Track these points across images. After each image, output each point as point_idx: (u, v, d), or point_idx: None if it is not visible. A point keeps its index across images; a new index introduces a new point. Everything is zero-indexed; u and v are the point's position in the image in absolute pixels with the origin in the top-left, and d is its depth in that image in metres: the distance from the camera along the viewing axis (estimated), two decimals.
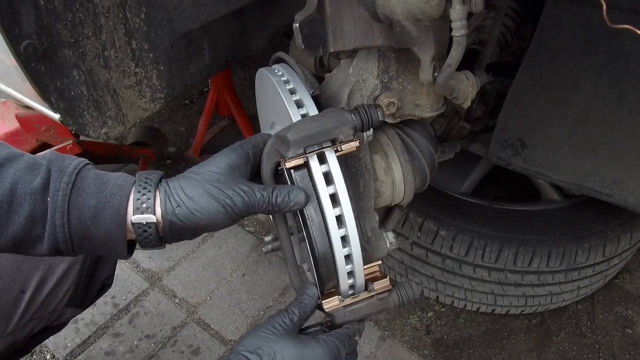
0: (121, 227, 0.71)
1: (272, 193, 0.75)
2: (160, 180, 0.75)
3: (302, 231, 0.82)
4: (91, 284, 1.16)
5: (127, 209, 0.71)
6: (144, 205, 0.71)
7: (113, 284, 1.72)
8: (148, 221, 0.71)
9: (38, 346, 1.78)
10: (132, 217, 0.71)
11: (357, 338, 0.84)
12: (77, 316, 1.85)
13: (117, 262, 2.02)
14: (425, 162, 1.06)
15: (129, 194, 0.71)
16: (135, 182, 0.73)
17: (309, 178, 0.78)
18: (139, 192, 0.72)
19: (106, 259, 1.19)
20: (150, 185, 0.72)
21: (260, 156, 0.81)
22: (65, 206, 0.68)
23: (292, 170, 0.79)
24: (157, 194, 0.72)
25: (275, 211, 0.76)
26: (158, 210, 0.72)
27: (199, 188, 0.72)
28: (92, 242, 0.72)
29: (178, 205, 0.71)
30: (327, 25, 0.90)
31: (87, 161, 0.73)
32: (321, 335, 0.81)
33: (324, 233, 0.78)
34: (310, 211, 0.78)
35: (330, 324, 0.86)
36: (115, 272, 1.99)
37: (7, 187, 0.67)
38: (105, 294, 1.92)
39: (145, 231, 0.71)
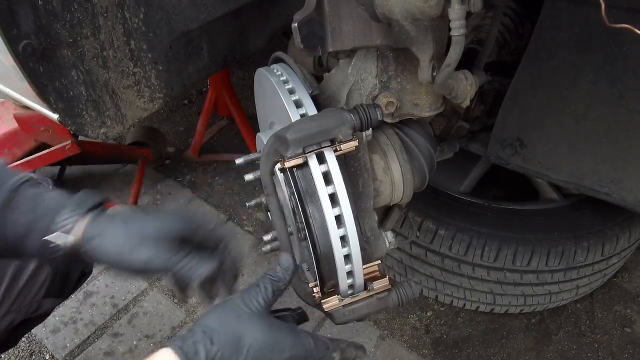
0: (47, 245, 0.73)
1: (181, 261, 0.75)
2: (94, 207, 0.77)
3: (302, 231, 0.82)
4: (70, 273, 1.15)
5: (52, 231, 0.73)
6: (65, 223, 0.73)
7: (112, 284, 1.72)
8: (63, 241, 0.72)
9: (37, 347, 1.78)
10: (49, 237, 0.72)
11: (335, 355, 0.76)
12: (76, 316, 1.86)
13: None
14: (424, 161, 1.06)
15: (55, 217, 0.73)
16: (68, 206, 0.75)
17: (310, 177, 0.78)
18: (68, 216, 0.73)
19: None
20: (80, 211, 0.74)
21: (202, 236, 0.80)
22: None
23: (292, 170, 0.79)
24: (83, 219, 0.74)
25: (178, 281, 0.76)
26: (79, 232, 0.73)
27: (121, 235, 0.74)
28: (21, 253, 0.74)
29: (93, 238, 0.73)
30: (326, 25, 0.90)
31: (28, 177, 0.76)
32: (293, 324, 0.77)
33: (326, 232, 0.78)
34: (312, 210, 0.78)
35: (300, 312, 0.83)
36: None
37: None
38: (104, 294, 1.93)
39: (55, 251, 0.73)
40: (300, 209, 0.79)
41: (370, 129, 0.84)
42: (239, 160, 0.92)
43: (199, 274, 0.74)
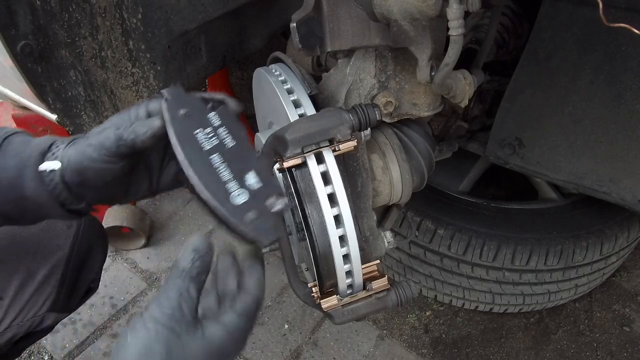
0: (44, 182, 0.70)
1: (128, 128, 0.67)
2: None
3: (301, 231, 0.82)
4: (75, 288, 1.14)
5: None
6: (54, 155, 0.70)
7: (112, 284, 1.72)
8: (51, 168, 0.70)
9: (36, 348, 1.78)
10: (40, 165, 0.70)
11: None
12: (75, 317, 1.86)
13: (115, 263, 2.03)
14: (423, 161, 1.06)
15: (46, 151, 0.71)
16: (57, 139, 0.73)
17: (308, 177, 0.78)
18: (56, 146, 0.72)
19: (91, 261, 1.17)
20: (67, 139, 0.72)
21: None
22: None
23: (290, 170, 0.79)
24: (69, 144, 0.71)
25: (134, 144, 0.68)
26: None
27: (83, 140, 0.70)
28: (29, 204, 0.72)
29: (68, 152, 0.70)
30: (325, 25, 0.90)
31: (21, 130, 0.75)
32: (226, 315, 0.65)
33: (325, 232, 0.78)
34: (311, 210, 0.78)
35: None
36: (113, 273, 2.00)
37: None
38: (104, 294, 1.93)
39: (51, 180, 0.70)
40: (299, 209, 0.79)
41: (369, 128, 0.84)
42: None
43: (136, 137, 0.66)
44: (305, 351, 1.79)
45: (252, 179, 0.65)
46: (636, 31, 0.69)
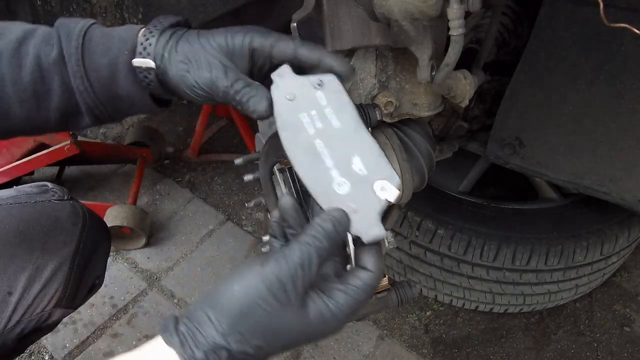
0: (136, 82, 0.70)
1: (240, 91, 0.67)
2: (169, 27, 0.71)
3: None
4: (81, 284, 1.15)
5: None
6: (145, 50, 0.69)
7: (112, 284, 1.72)
8: (146, 65, 0.69)
9: (36, 347, 1.78)
10: (133, 60, 0.69)
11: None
12: (76, 317, 1.86)
13: (115, 263, 2.03)
14: (424, 161, 1.06)
15: (135, 47, 0.69)
16: (142, 28, 0.71)
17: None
18: (145, 37, 0.69)
19: (96, 258, 1.19)
20: (157, 30, 0.69)
21: (264, 56, 0.70)
22: (81, 70, 0.68)
23: (291, 170, 0.79)
24: (159, 39, 0.69)
25: (232, 104, 0.69)
26: (152, 54, 0.69)
27: (184, 57, 0.69)
28: (121, 102, 0.72)
29: (164, 55, 0.69)
30: (325, 25, 0.90)
31: (93, 21, 0.72)
32: (335, 292, 0.59)
33: None
34: (311, 210, 0.78)
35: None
36: (114, 273, 2.01)
37: (34, 62, 0.68)
38: (104, 294, 1.93)
39: (146, 77, 0.70)
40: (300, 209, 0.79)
41: (369, 128, 0.84)
42: (238, 161, 0.92)
43: (252, 111, 0.67)
44: (306, 351, 1.79)
45: (357, 164, 0.62)
46: (636, 31, 0.69)
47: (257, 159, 0.88)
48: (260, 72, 0.71)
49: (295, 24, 0.89)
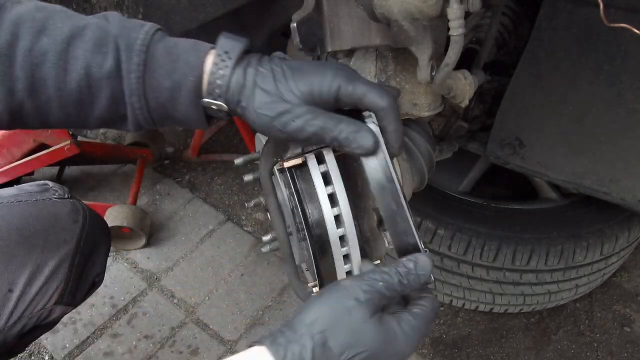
0: (198, 107, 0.68)
1: (337, 124, 0.66)
2: (240, 58, 0.67)
3: (301, 231, 0.82)
4: (81, 282, 1.15)
5: (202, 90, 0.67)
6: (217, 90, 0.66)
7: (112, 284, 1.72)
8: (220, 108, 0.67)
9: (36, 347, 1.78)
10: (203, 100, 0.67)
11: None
12: (76, 317, 1.86)
13: (115, 263, 2.03)
14: (424, 161, 1.06)
15: (202, 75, 0.66)
16: (210, 53, 0.67)
17: (309, 177, 0.78)
18: (213, 74, 0.66)
19: (96, 256, 1.19)
20: (227, 65, 0.66)
21: (347, 96, 0.68)
22: (140, 89, 0.65)
23: (291, 170, 0.79)
24: (232, 78, 0.66)
25: (336, 146, 0.69)
26: (227, 96, 0.67)
27: (267, 97, 0.66)
28: (173, 121, 0.70)
29: (241, 106, 0.67)
30: (325, 25, 0.90)
31: (153, 29, 0.66)
32: (404, 313, 0.65)
33: (325, 232, 0.78)
34: (311, 210, 0.78)
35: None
36: (114, 273, 2.01)
37: (82, 70, 0.64)
38: (104, 294, 1.93)
39: (218, 111, 0.68)
40: (300, 209, 0.79)
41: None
42: (238, 161, 0.92)
43: (359, 146, 0.66)
44: None
45: None
46: (636, 31, 0.69)
47: (257, 159, 0.88)
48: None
49: (295, 24, 0.89)
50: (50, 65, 0.63)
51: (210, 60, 0.66)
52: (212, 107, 0.67)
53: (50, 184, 1.19)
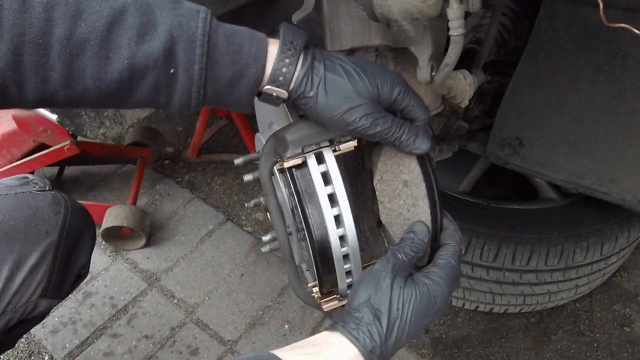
0: (254, 94, 0.68)
1: (400, 127, 0.72)
2: (305, 49, 0.68)
3: (301, 231, 0.82)
4: (66, 274, 1.14)
5: (262, 79, 0.67)
6: (281, 78, 0.67)
7: (112, 284, 1.72)
8: (279, 95, 0.68)
9: (36, 348, 1.78)
10: (265, 87, 0.67)
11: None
12: (75, 317, 1.86)
13: (115, 263, 2.03)
14: None
15: (265, 64, 0.67)
16: (272, 42, 0.68)
17: (308, 177, 0.78)
18: (280, 62, 0.66)
19: (80, 248, 1.18)
20: (294, 55, 0.67)
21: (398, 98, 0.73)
22: (202, 80, 0.64)
23: (291, 170, 0.78)
24: (297, 67, 0.67)
25: (394, 144, 0.74)
26: (291, 85, 0.68)
27: (340, 90, 0.69)
28: (219, 105, 0.70)
29: (306, 97, 0.68)
30: (325, 25, 0.90)
31: (209, 14, 0.64)
32: (430, 267, 0.78)
33: (325, 232, 0.78)
34: (311, 210, 0.78)
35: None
36: (113, 273, 2.01)
37: (126, 62, 0.60)
38: (104, 294, 1.93)
39: (275, 98, 0.69)
40: (299, 209, 0.79)
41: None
42: (238, 161, 0.92)
43: (418, 147, 0.75)
44: None
45: None
46: (636, 31, 0.69)
47: (257, 159, 0.88)
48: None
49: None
50: (91, 55, 0.59)
51: (273, 49, 0.67)
52: (272, 94, 0.68)
53: (31, 177, 1.17)
